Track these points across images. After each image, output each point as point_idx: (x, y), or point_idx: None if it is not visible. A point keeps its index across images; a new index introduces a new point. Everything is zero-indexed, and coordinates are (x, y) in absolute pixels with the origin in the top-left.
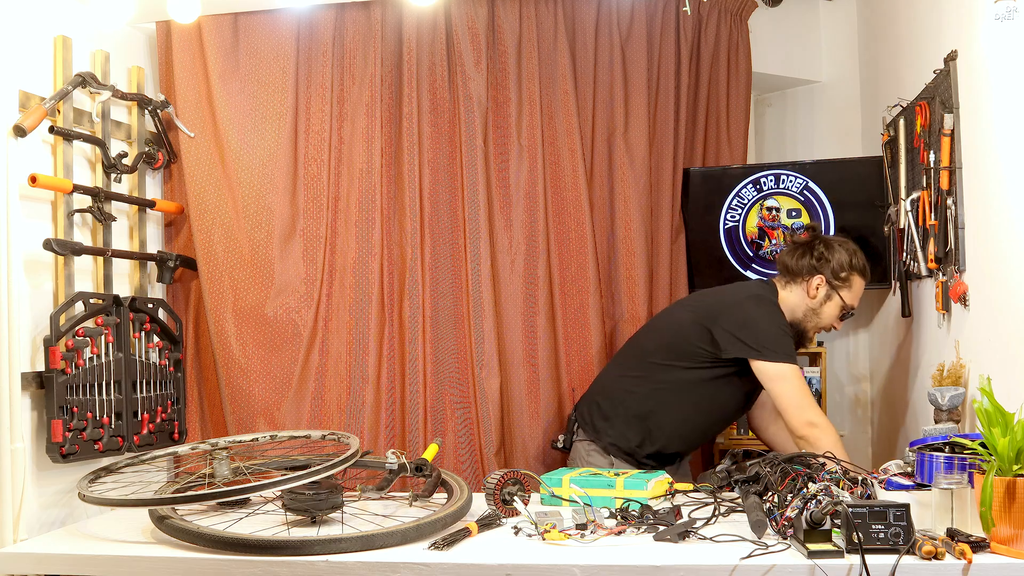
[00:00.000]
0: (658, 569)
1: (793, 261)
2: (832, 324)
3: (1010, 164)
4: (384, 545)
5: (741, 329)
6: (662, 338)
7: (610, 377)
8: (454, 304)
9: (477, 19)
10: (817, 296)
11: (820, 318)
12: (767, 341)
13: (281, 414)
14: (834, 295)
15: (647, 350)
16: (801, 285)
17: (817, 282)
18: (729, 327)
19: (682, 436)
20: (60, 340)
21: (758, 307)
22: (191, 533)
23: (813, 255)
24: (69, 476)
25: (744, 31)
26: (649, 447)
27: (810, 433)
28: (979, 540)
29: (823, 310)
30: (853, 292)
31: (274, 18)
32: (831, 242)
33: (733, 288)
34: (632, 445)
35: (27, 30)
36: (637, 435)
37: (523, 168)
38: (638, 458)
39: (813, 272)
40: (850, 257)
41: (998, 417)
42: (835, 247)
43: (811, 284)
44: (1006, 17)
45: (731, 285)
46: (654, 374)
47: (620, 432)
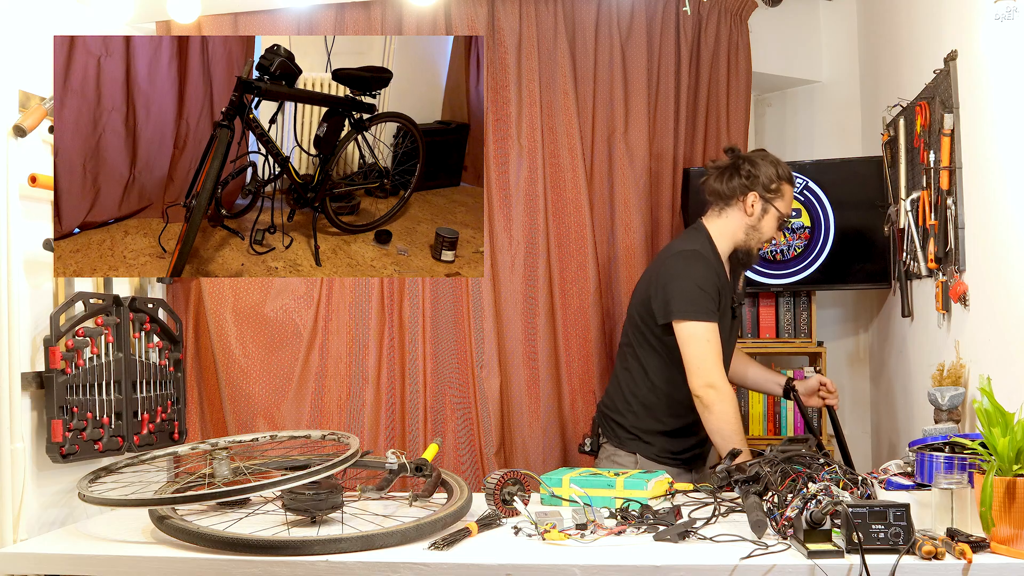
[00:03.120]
0: (658, 569)
1: (723, 185)
2: (772, 236)
3: (1010, 164)
4: (384, 545)
5: (660, 293)
6: (631, 321)
7: (614, 372)
8: (454, 304)
9: (477, 19)
10: (754, 212)
11: (761, 233)
12: (679, 300)
13: (281, 414)
14: (770, 207)
15: (627, 339)
16: (736, 207)
17: (752, 199)
18: (656, 295)
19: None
20: (60, 340)
21: (676, 264)
22: (191, 533)
23: (741, 174)
24: (69, 476)
25: (744, 31)
26: (657, 424)
27: (707, 395)
28: (979, 540)
29: (762, 225)
30: (786, 200)
31: (274, 18)
32: (754, 158)
33: (664, 250)
34: (641, 430)
35: (27, 30)
36: (644, 419)
37: (523, 168)
38: (657, 449)
39: (746, 191)
40: (776, 168)
41: (998, 417)
42: (759, 162)
43: (747, 203)
44: (1006, 17)
45: (666, 247)
46: (637, 358)
47: (631, 423)
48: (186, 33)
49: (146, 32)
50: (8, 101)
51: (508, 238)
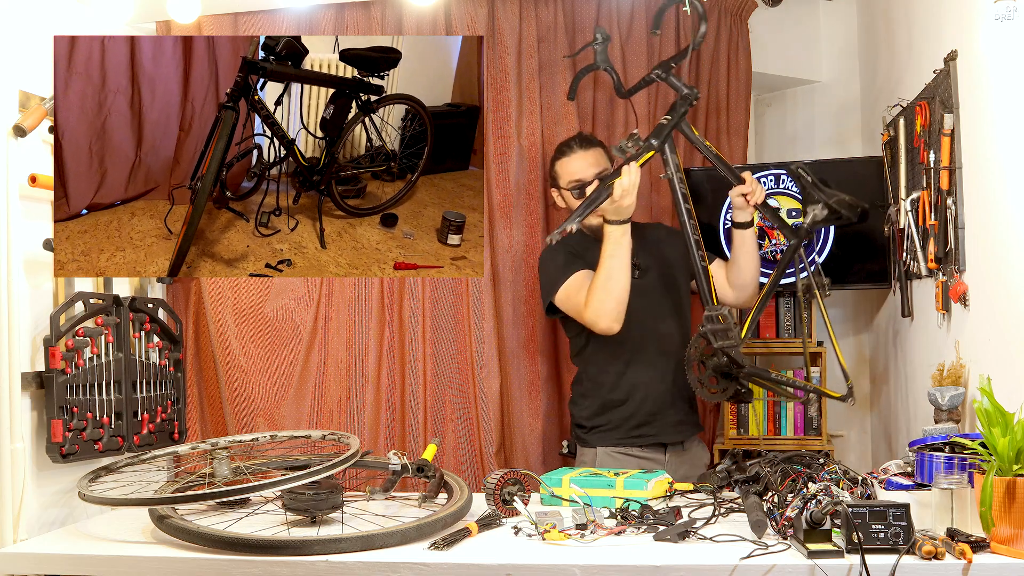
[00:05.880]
0: (658, 569)
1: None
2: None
3: (1010, 164)
4: (384, 545)
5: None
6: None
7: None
8: (454, 304)
9: (477, 19)
10: (565, 205)
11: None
12: (547, 283)
13: (281, 414)
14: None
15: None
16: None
17: (554, 196)
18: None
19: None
20: (60, 340)
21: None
22: (191, 533)
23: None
24: (69, 476)
25: (744, 31)
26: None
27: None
28: (979, 540)
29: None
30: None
31: (274, 18)
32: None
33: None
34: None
35: (27, 30)
36: (584, 406)
37: (523, 168)
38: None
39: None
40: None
41: (998, 417)
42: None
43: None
44: (1006, 17)
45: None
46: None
47: (579, 416)
48: (186, 33)
49: (146, 32)
50: (8, 101)
51: (508, 238)
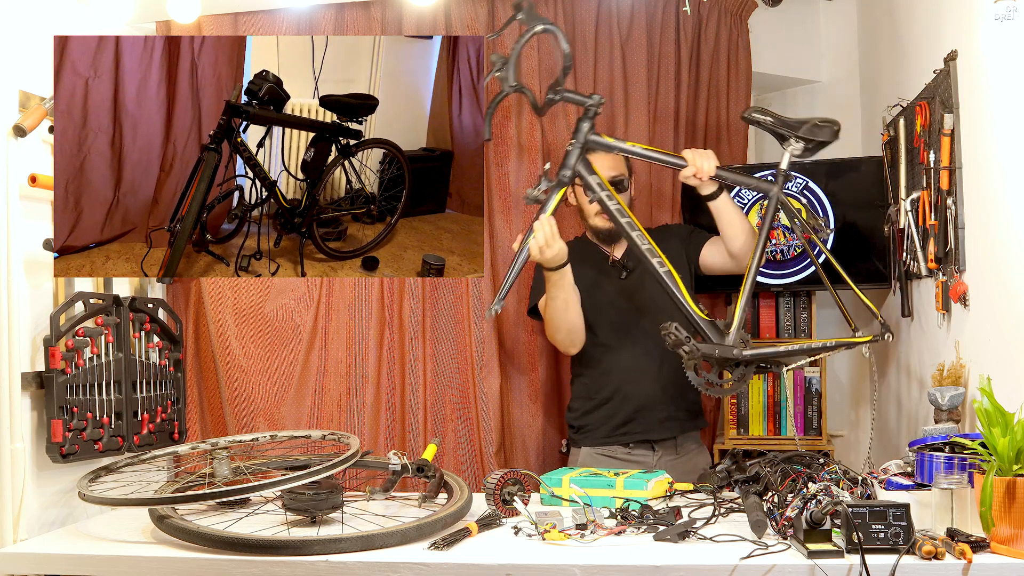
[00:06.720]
0: (658, 569)
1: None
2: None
3: (1010, 164)
4: (384, 545)
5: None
6: None
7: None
8: (454, 304)
9: (477, 19)
10: (575, 202)
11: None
12: (534, 288)
13: (281, 414)
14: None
15: None
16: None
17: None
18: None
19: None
20: (60, 340)
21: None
22: (191, 533)
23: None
24: (69, 476)
25: (744, 31)
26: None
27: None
28: (979, 540)
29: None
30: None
31: (274, 18)
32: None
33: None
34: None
35: (27, 30)
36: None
37: (523, 168)
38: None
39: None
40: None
41: (998, 417)
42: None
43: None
44: (1006, 17)
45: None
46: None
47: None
48: (186, 33)
49: (146, 32)
50: (8, 101)
51: (508, 238)
